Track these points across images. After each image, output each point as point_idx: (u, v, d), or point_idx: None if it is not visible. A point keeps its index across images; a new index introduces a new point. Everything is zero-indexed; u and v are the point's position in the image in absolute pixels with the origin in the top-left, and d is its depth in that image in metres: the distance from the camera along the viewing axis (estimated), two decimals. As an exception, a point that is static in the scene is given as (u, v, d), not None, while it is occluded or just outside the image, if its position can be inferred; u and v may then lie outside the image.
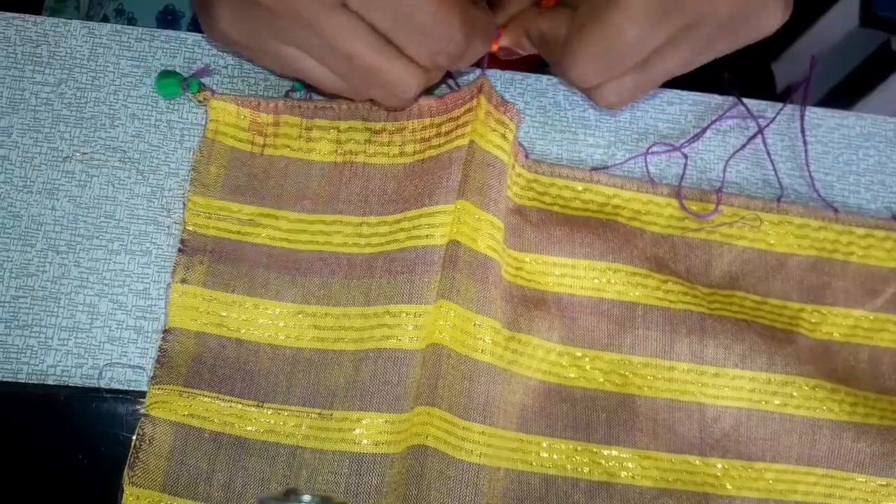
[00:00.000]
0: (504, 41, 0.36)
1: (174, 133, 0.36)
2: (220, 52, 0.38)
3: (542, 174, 0.37)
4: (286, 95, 0.37)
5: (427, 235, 0.34)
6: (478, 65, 0.36)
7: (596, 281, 0.36)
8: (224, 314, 0.34)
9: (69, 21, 0.37)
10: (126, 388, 0.34)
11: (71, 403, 0.33)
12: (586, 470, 0.34)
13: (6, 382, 0.33)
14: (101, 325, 0.34)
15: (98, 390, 0.33)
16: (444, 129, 0.35)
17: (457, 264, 0.33)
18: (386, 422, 0.33)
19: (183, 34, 0.37)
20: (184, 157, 0.36)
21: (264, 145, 0.36)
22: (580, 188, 0.37)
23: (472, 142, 0.34)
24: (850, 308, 0.38)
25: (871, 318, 0.38)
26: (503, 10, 0.35)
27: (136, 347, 0.34)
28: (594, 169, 0.38)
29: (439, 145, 0.35)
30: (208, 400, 0.33)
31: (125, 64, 0.37)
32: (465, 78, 0.38)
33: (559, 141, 0.39)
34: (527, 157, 0.37)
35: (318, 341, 0.34)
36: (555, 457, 0.34)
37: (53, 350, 0.34)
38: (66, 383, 0.33)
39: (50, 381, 0.33)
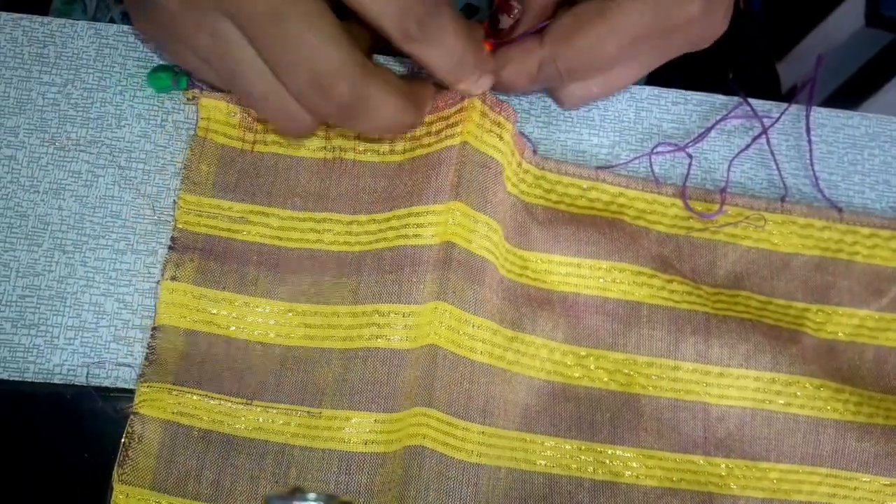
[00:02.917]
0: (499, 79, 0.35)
1: (180, 133, 0.37)
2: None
3: (548, 170, 0.37)
4: None
5: (415, 235, 0.34)
6: None
7: (601, 280, 0.36)
8: (213, 312, 0.34)
9: (76, 22, 0.37)
10: (132, 386, 0.34)
11: (77, 402, 0.33)
12: (590, 469, 0.34)
13: (12, 381, 0.33)
14: (108, 324, 0.34)
15: (104, 389, 0.33)
16: (434, 128, 0.35)
17: (451, 265, 0.33)
18: (376, 421, 0.33)
19: (188, 35, 0.38)
20: (189, 156, 0.36)
21: (254, 142, 0.36)
22: (585, 186, 0.38)
23: (465, 143, 0.34)
24: (855, 308, 0.38)
25: (877, 317, 0.38)
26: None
27: (142, 347, 0.34)
28: (599, 168, 0.38)
29: (429, 144, 0.35)
30: (197, 398, 0.33)
31: (131, 64, 0.37)
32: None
33: (563, 140, 0.39)
34: (535, 152, 0.37)
35: (308, 339, 0.34)
36: (559, 456, 0.34)
37: (60, 349, 0.34)
38: (72, 382, 0.33)
39: (56, 380, 0.33)
